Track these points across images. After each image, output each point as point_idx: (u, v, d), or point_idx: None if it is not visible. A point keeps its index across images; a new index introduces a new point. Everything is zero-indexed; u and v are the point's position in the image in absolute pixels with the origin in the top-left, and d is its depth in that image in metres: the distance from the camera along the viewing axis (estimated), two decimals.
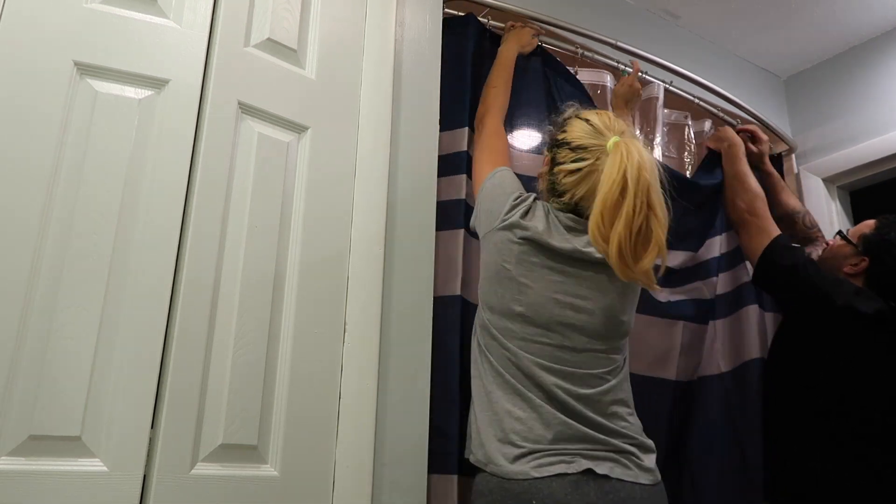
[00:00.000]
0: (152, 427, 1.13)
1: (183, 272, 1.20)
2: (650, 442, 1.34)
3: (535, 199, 1.40)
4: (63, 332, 1.09)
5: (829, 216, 2.50)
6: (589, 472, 1.20)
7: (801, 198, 2.48)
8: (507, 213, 1.37)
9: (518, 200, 1.39)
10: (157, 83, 1.26)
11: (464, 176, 1.68)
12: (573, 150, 1.36)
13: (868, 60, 2.57)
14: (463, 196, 1.66)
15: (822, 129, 2.61)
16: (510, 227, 1.35)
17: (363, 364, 1.38)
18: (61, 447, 1.06)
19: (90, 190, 1.16)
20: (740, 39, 2.60)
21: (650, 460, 1.30)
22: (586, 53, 2.02)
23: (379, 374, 1.40)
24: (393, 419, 1.40)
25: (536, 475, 1.20)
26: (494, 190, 1.43)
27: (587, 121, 1.39)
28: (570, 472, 1.19)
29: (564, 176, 1.37)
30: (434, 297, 1.53)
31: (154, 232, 1.19)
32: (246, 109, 1.35)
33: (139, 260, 1.17)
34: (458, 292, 1.58)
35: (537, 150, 1.83)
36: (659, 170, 1.25)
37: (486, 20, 1.87)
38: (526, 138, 1.84)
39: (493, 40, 1.87)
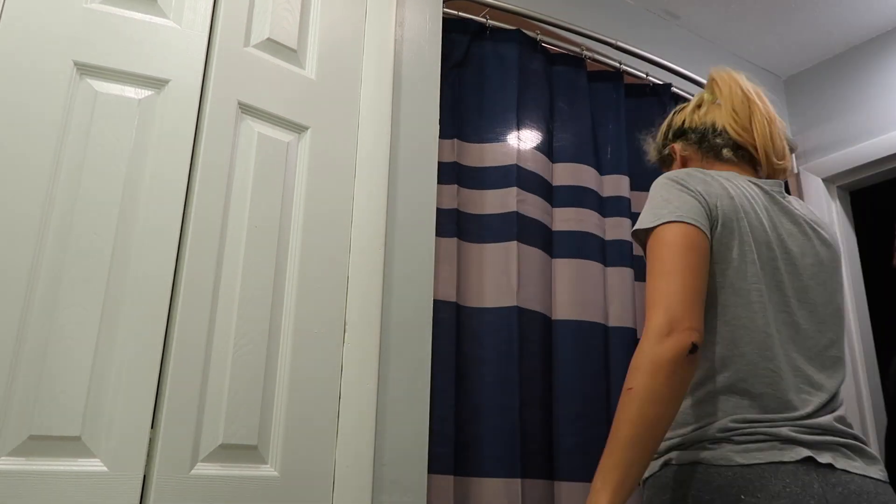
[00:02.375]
0: (152, 427, 1.13)
1: (183, 272, 1.20)
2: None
3: None
4: (63, 332, 1.09)
5: (829, 216, 2.50)
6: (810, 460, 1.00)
7: (801, 198, 2.48)
8: None
9: None
10: (157, 83, 1.26)
11: (455, 186, 1.68)
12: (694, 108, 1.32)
13: (868, 60, 2.57)
14: (455, 205, 1.67)
15: (821, 129, 2.61)
16: None
17: (363, 364, 1.38)
18: (61, 447, 1.06)
19: (90, 190, 1.16)
20: (740, 39, 2.60)
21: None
22: (586, 53, 2.02)
23: (379, 374, 1.40)
24: (393, 419, 1.40)
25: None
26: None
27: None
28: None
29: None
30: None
31: (154, 232, 1.19)
32: (246, 109, 1.35)
33: (139, 260, 1.17)
34: (454, 299, 1.59)
35: (540, 149, 1.84)
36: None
37: (484, 19, 1.87)
38: (528, 138, 1.84)
39: (491, 38, 1.88)
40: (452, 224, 1.65)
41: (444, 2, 1.77)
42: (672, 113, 1.35)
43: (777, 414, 1.01)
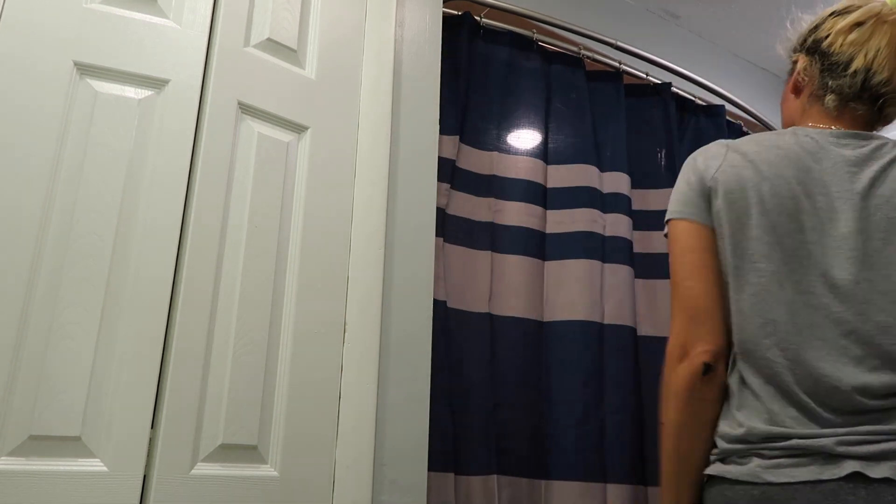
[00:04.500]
0: (152, 427, 1.13)
1: (183, 272, 1.20)
2: None
3: None
4: (63, 333, 1.09)
5: None
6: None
7: None
8: None
9: None
10: (157, 83, 1.26)
11: (447, 185, 1.69)
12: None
13: None
14: (444, 204, 1.67)
15: None
16: None
17: (363, 364, 1.38)
18: (61, 447, 1.06)
19: (90, 190, 1.16)
20: (740, 39, 2.60)
21: None
22: (586, 53, 2.02)
23: (379, 374, 1.40)
24: (393, 419, 1.40)
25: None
26: None
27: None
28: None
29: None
30: None
31: (154, 232, 1.19)
32: (246, 109, 1.35)
33: (139, 260, 1.17)
34: (443, 297, 1.60)
35: (533, 154, 1.84)
36: None
37: (479, 18, 1.87)
38: (525, 140, 1.84)
39: (488, 38, 1.88)
40: (440, 223, 1.66)
41: (444, 2, 1.77)
42: (830, 13, 1.08)
43: (811, 421, 0.85)
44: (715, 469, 0.91)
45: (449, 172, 1.70)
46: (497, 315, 1.67)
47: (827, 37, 1.04)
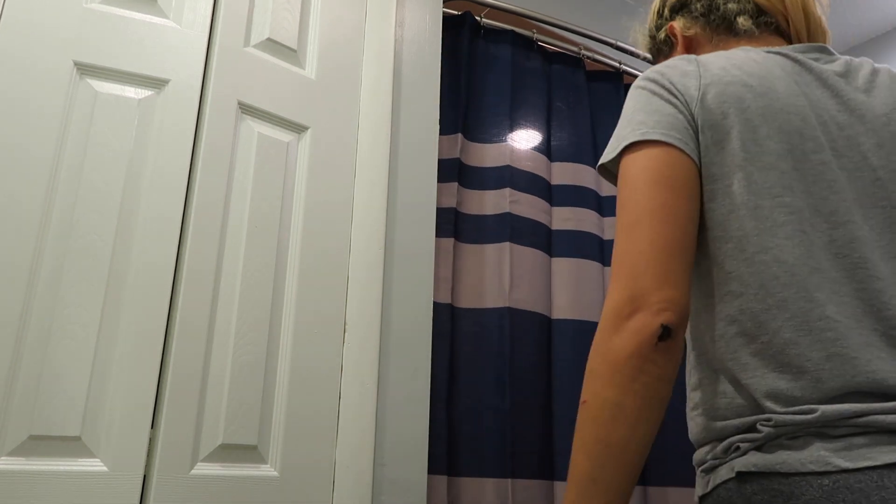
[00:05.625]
0: (152, 427, 1.13)
1: (183, 272, 1.20)
2: None
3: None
4: (63, 332, 1.09)
5: None
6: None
7: None
8: None
9: None
10: (157, 83, 1.26)
11: (455, 184, 1.68)
12: None
13: None
14: (454, 204, 1.67)
15: None
16: None
17: (363, 364, 1.38)
18: (61, 447, 1.06)
19: (90, 190, 1.16)
20: None
21: None
22: (586, 53, 2.03)
23: (379, 374, 1.40)
24: (393, 419, 1.40)
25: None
26: None
27: None
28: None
29: None
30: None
31: (154, 232, 1.19)
32: (246, 109, 1.35)
33: (139, 260, 1.17)
34: (449, 300, 1.60)
35: (537, 149, 1.84)
36: None
37: (479, 18, 1.87)
38: (525, 138, 1.84)
39: (489, 38, 1.88)
40: (450, 223, 1.66)
41: (444, 2, 1.77)
42: None
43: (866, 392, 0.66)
44: (748, 462, 0.67)
45: (456, 171, 1.70)
46: (517, 309, 1.67)
47: None
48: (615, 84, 2.05)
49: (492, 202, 1.73)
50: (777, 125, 0.75)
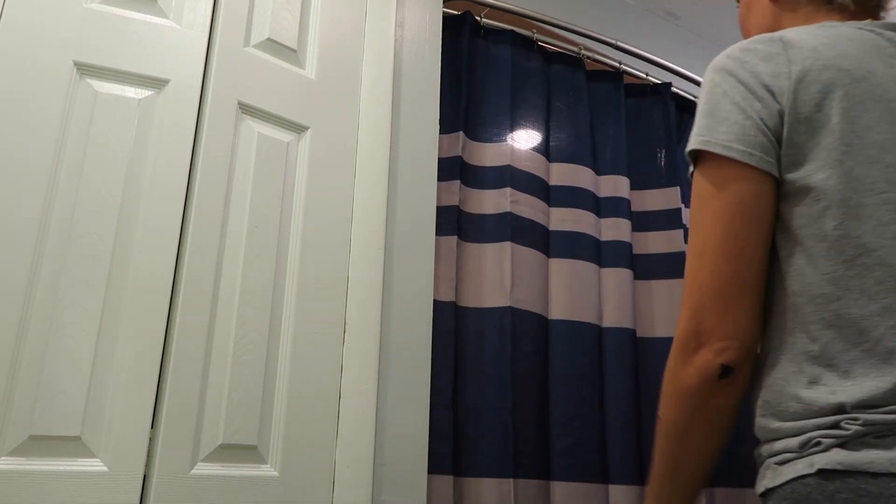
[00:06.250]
0: (152, 427, 1.13)
1: (183, 272, 1.20)
2: None
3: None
4: (63, 332, 1.09)
5: None
6: None
7: None
8: None
9: None
10: (157, 83, 1.26)
11: (457, 182, 1.68)
12: None
13: None
14: (456, 202, 1.67)
15: None
16: None
17: (363, 364, 1.38)
18: (61, 447, 1.06)
19: (90, 190, 1.16)
20: (740, 39, 2.59)
21: None
22: (586, 53, 2.03)
23: (379, 374, 1.40)
24: (393, 419, 1.40)
25: None
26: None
27: None
28: None
29: None
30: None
31: (154, 232, 1.19)
32: (246, 109, 1.35)
33: (139, 260, 1.17)
34: (453, 298, 1.60)
35: (536, 149, 1.84)
36: None
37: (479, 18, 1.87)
38: (525, 138, 1.84)
39: (489, 38, 1.88)
40: (453, 222, 1.65)
41: (444, 2, 1.77)
42: None
43: None
44: (831, 459, 0.64)
45: (458, 169, 1.70)
46: (518, 309, 1.67)
47: None
48: (615, 84, 2.05)
49: (492, 201, 1.73)
50: (878, 113, 0.69)
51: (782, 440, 0.70)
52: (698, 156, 0.74)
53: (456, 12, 1.83)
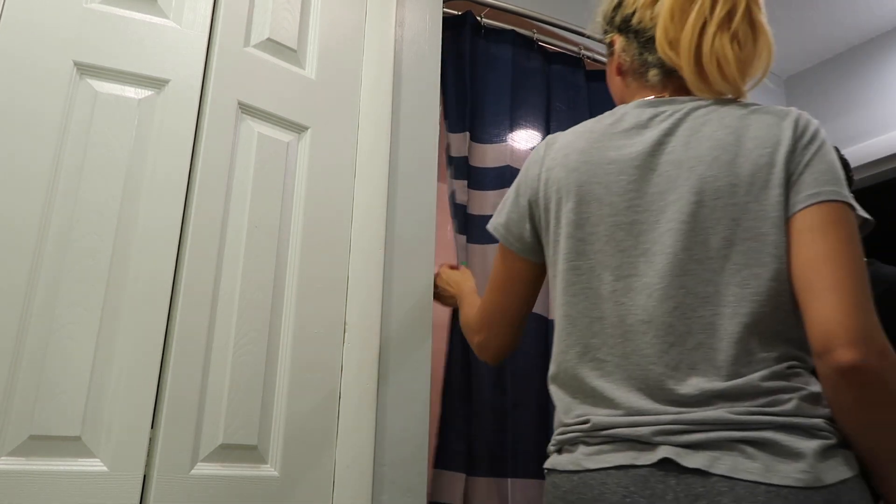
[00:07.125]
0: (152, 427, 1.13)
1: (183, 272, 1.20)
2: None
3: None
4: (63, 333, 1.09)
5: None
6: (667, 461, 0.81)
7: None
8: None
9: None
10: (157, 83, 1.26)
11: (464, 182, 1.69)
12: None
13: (868, 60, 2.56)
14: (465, 201, 1.67)
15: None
16: None
17: (363, 364, 1.38)
18: (61, 447, 1.06)
19: (90, 190, 1.16)
20: None
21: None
22: (586, 53, 2.02)
23: (379, 374, 1.40)
24: (393, 419, 1.40)
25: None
26: None
27: None
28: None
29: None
30: None
31: (154, 232, 1.19)
32: (246, 109, 1.35)
33: (139, 260, 1.17)
34: None
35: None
36: None
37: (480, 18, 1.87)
38: (525, 138, 1.84)
39: (490, 38, 1.88)
40: (455, 221, 1.66)
41: (444, 2, 1.77)
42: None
43: (635, 412, 0.84)
44: (550, 462, 0.91)
45: (465, 170, 1.71)
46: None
47: (633, 13, 0.97)
48: None
49: (492, 202, 1.73)
50: (579, 198, 0.91)
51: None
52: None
53: (456, 12, 1.83)
